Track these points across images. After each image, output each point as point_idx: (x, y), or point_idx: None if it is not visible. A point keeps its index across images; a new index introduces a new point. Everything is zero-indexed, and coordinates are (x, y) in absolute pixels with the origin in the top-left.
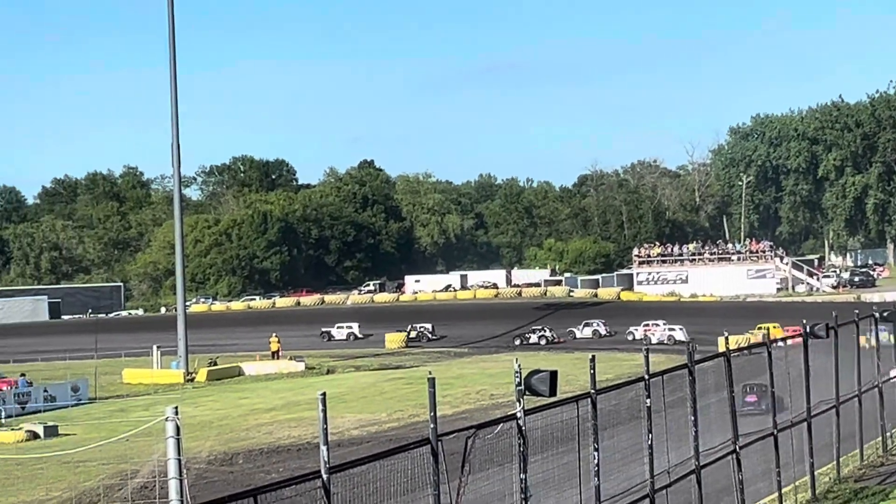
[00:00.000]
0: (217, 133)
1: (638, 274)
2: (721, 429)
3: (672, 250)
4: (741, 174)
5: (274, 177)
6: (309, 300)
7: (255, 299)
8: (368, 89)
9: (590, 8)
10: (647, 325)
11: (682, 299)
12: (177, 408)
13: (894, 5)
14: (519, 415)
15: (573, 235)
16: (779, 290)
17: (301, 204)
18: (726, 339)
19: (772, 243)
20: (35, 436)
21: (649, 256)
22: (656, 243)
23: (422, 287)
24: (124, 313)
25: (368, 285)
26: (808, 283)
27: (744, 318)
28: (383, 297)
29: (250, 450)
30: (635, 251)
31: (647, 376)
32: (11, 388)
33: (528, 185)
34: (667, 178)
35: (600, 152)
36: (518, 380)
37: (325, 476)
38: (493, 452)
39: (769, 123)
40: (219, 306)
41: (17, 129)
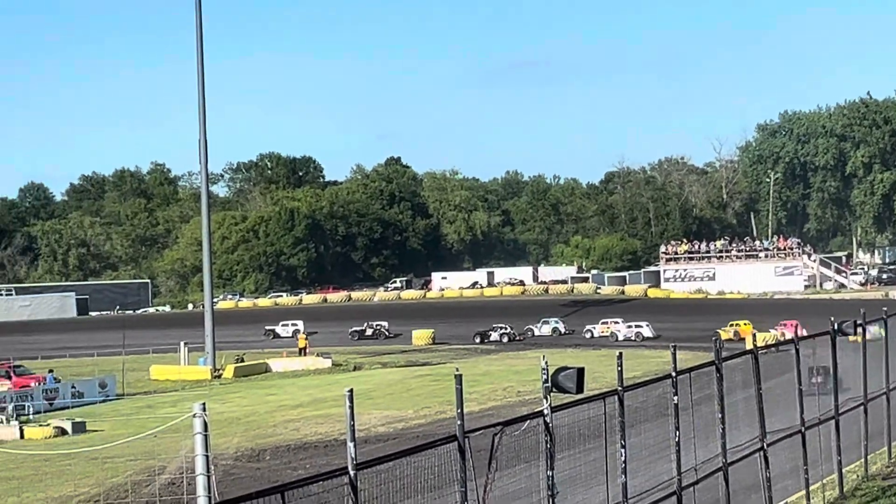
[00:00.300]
0: (244, 130)
1: (665, 271)
2: (748, 426)
3: (699, 247)
4: (769, 171)
5: (301, 174)
6: (336, 297)
7: (282, 296)
8: (395, 86)
9: (618, 4)
10: (606, 323)
11: (709, 296)
12: (204, 404)
13: None
14: (546, 412)
15: (600, 232)
16: (806, 287)
17: (328, 201)
18: (754, 336)
19: (799, 240)
20: (63, 432)
21: (676, 254)
22: (683, 240)
23: (448, 284)
24: (152, 310)
25: (395, 282)
26: (835, 281)
27: (771, 315)
28: (410, 294)
29: (277, 446)
30: (662, 248)
31: (674, 373)
32: (39, 384)
33: (554, 181)
34: (694, 175)
35: (627, 149)
36: (545, 377)
37: (352, 472)
38: (519, 449)
39: (797, 120)
40: (246, 303)
41: (46, 127)
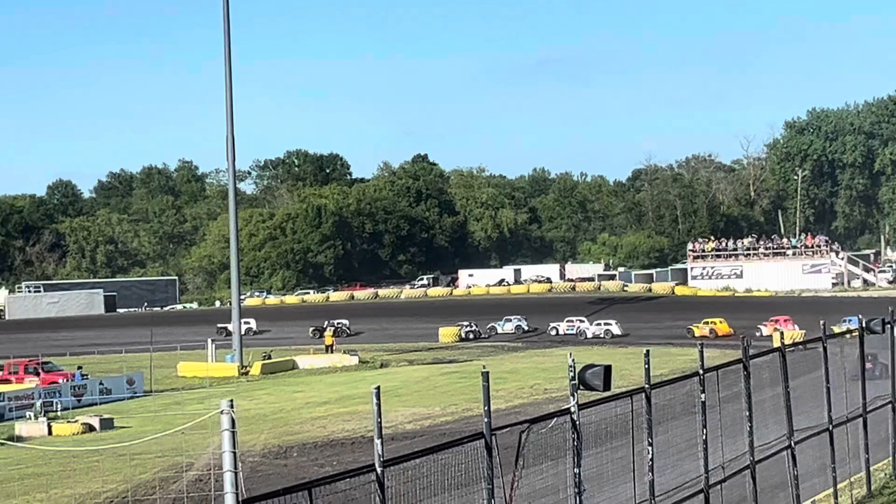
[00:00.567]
0: (272, 127)
1: (692, 269)
2: (776, 423)
3: (727, 245)
4: (797, 168)
5: (328, 171)
6: (363, 294)
7: (309, 293)
8: (422, 83)
9: (646, 1)
10: (571, 321)
11: (736, 294)
12: (232, 401)
13: None
14: (573, 409)
15: (627, 230)
16: (834, 285)
17: (355, 198)
18: (781, 334)
19: (827, 238)
20: (91, 428)
21: (704, 251)
22: (711, 238)
23: (475, 281)
24: (179, 307)
25: (422, 279)
26: (863, 278)
27: (798, 313)
28: (437, 292)
29: (304, 443)
30: (690, 246)
31: (701, 371)
32: (67, 380)
33: (582, 179)
34: (721, 173)
35: (655, 146)
36: (572, 374)
37: (379, 469)
38: (546, 447)
39: (825, 118)
40: (273, 300)
41: (74, 124)
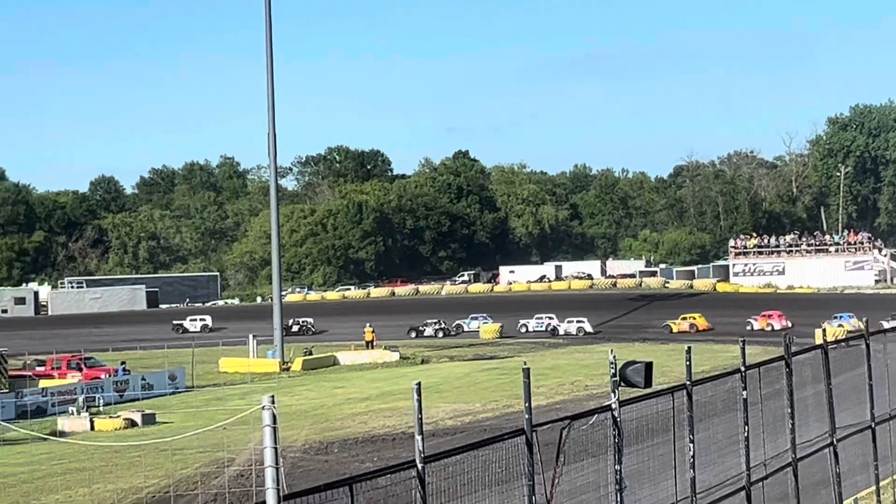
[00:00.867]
0: (313, 124)
1: (734, 265)
2: (818, 421)
3: (769, 242)
4: (839, 165)
5: (369, 167)
6: (403, 290)
7: (350, 289)
8: (463, 79)
9: None
10: (541, 318)
11: (778, 291)
12: (273, 397)
13: None
14: (614, 405)
15: (668, 226)
16: (877, 281)
17: (396, 194)
18: (823, 331)
19: (870, 235)
20: (133, 423)
21: (745, 248)
22: (753, 234)
23: (516, 277)
24: (221, 302)
25: (463, 275)
26: None
27: (840, 310)
28: (478, 288)
29: (345, 439)
30: (731, 242)
31: (743, 368)
32: (110, 376)
33: (623, 175)
34: (763, 169)
35: (696, 143)
36: (613, 371)
37: (419, 465)
38: (587, 443)
39: (868, 114)
40: (314, 296)
41: (116, 120)
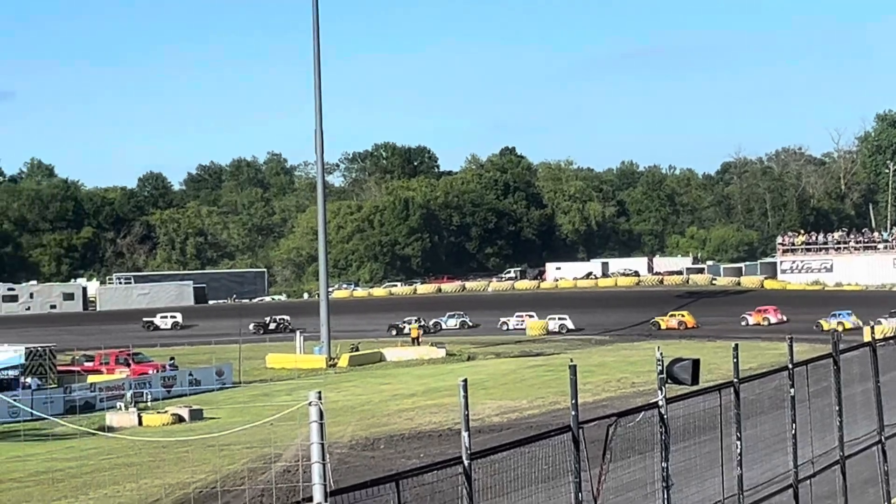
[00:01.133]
0: (360, 120)
1: (782, 262)
2: (866, 419)
3: (816, 239)
4: (888, 161)
5: (416, 163)
6: (450, 287)
7: (396, 285)
8: (510, 75)
9: None
10: (521, 316)
11: (826, 288)
12: (320, 392)
13: None
14: (661, 403)
15: (716, 223)
16: None
17: (443, 191)
18: (872, 328)
19: None
20: (180, 419)
21: (793, 245)
22: (800, 231)
23: (563, 274)
24: (268, 299)
25: (509, 272)
26: None
27: (889, 307)
28: (524, 284)
29: (391, 435)
30: (779, 239)
31: (790, 365)
32: (157, 371)
33: (670, 172)
34: (812, 166)
35: (744, 139)
36: (660, 368)
37: (466, 462)
38: (634, 440)
39: None
40: (361, 292)
41: (164, 117)
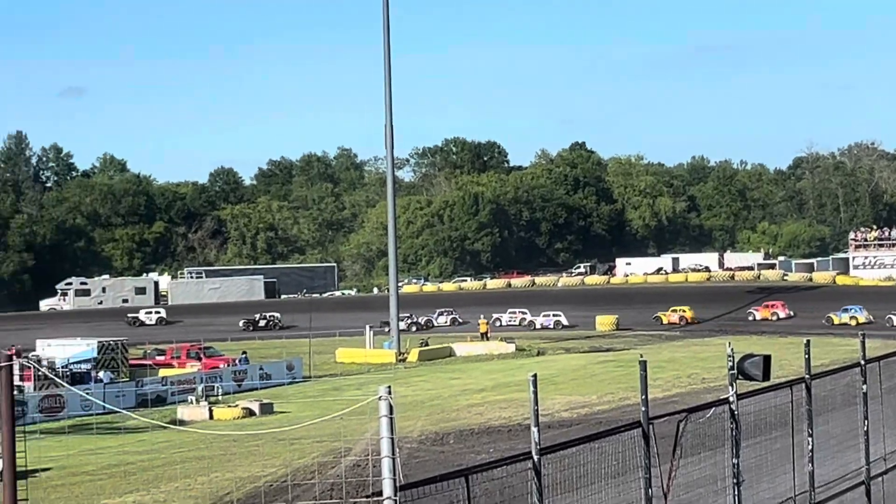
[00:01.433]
0: (430, 115)
1: (854, 258)
2: None
3: (889, 234)
4: None
5: (485, 158)
6: (519, 282)
7: (466, 281)
8: (581, 71)
9: None
10: (514, 312)
11: None
12: (390, 387)
13: None
14: (731, 399)
15: (787, 218)
16: None
17: (512, 186)
18: None
19: None
20: (251, 413)
21: (866, 240)
22: (873, 227)
23: (633, 270)
24: (338, 293)
25: (579, 267)
26: None
27: None
28: (594, 280)
29: (461, 430)
30: (851, 235)
31: (863, 361)
32: (228, 365)
33: (741, 167)
34: (885, 161)
35: (816, 134)
36: (731, 364)
37: (535, 457)
38: (704, 436)
39: None
40: (430, 287)
41: (235, 112)
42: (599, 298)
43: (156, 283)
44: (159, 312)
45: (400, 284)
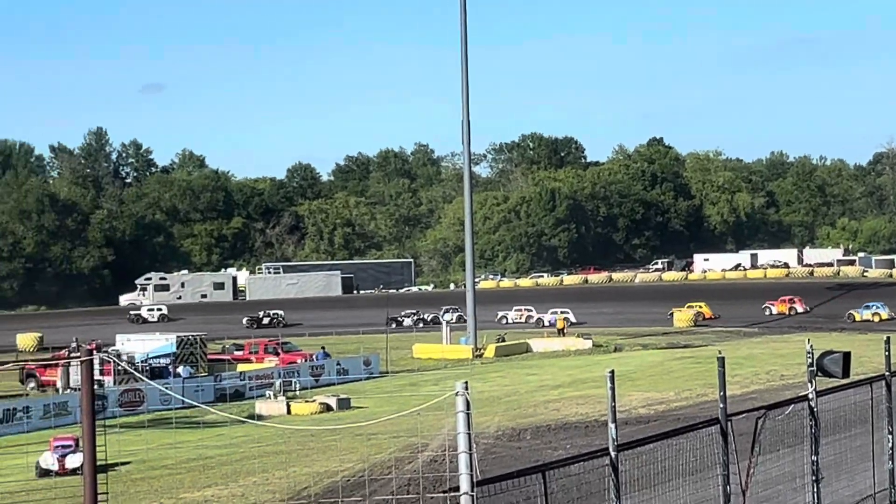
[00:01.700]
0: (507, 111)
1: None
2: None
3: None
4: None
5: (563, 154)
6: (596, 278)
7: (542, 276)
8: (659, 66)
9: None
10: (520, 310)
11: None
12: (467, 383)
13: None
14: (811, 396)
15: (867, 214)
16: None
17: (590, 181)
18: None
19: None
20: (328, 408)
21: None
22: None
23: (711, 266)
24: (414, 289)
25: (656, 263)
26: None
27: None
28: (671, 276)
29: (537, 426)
30: None
31: None
32: (306, 360)
33: (820, 162)
34: None
35: None
36: (810, 361)
37: (613, 454)
38: (783, 433)
39: None
40: (507, 283)
41: (313, 108)
42: (677, 294)
43: (234, 279)
44: (161, 309)
45: (477, 280)
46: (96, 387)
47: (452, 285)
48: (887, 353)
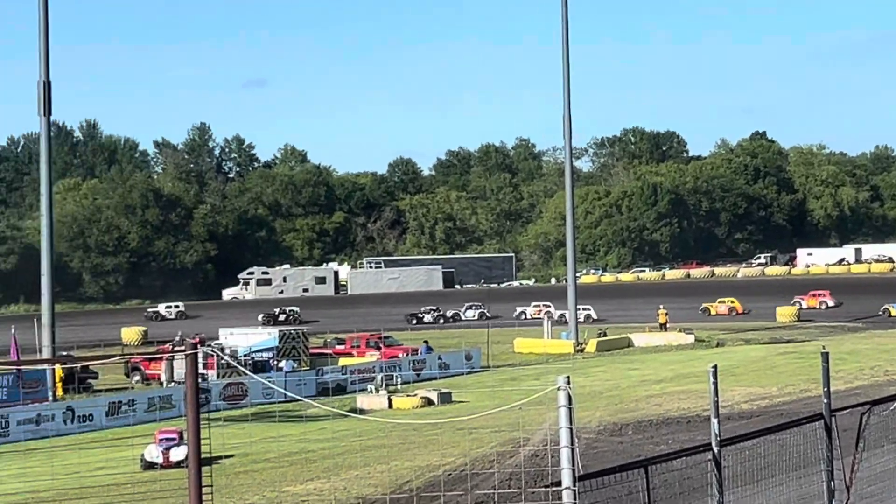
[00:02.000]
0: (609, 105)
1: None
2: None
3: None
4: None
5: (664, 148)
6: (699, 272)
7: (644, 271)
8: (762, 59)
9: None
10: (538, 306)
11: None
12: (568, 377)
13: None
14: None
15: None
16: None
17: (692, 176)
18: None
19: None
20: (429, 402)
21: None
22: None
23: (814, 260)
24: (515, 283)
25: (759, 258)
26: None
27: None
28: (774, 270)
29: (639, 421)
30: None
31: None
32: (407, 355)
33: None
34: None
35: None
36: None
37: (715, 449)
38: (888, 429)
39: None
40: (608, 277)
41: (414, 103)
42: (780, 289)
43: (335, 273)
44: (178, 307)
45: (578, 275)
46: (200, 380)
47: (553, 280)
48: None
